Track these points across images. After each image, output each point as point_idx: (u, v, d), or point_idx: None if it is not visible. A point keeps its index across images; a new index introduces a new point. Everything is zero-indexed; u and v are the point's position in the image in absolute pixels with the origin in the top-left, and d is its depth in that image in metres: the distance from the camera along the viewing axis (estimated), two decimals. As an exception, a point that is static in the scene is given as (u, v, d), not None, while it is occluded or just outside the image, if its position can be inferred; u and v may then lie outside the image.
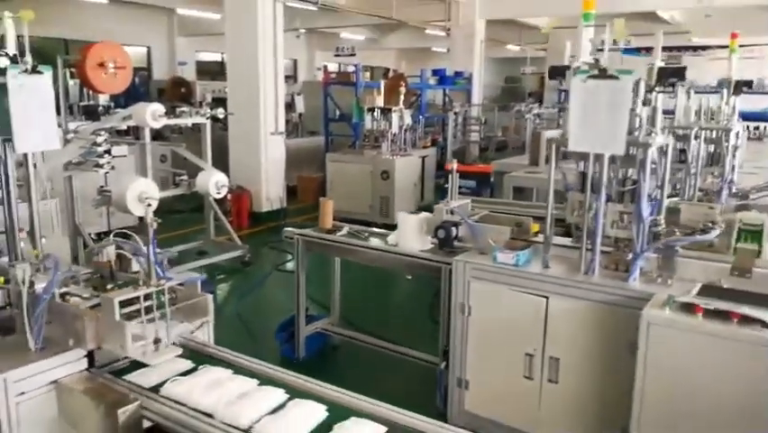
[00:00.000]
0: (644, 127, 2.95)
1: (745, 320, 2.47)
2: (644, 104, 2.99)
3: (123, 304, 2.03)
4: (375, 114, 9.04)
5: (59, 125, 5.83)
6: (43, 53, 2.99)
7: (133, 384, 2.06)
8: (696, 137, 4.75)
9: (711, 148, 5.00)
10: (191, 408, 1.91)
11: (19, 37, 2.84)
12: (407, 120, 9.21)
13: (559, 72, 3.08)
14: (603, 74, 2.84)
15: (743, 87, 4.79)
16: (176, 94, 13.25)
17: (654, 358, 2.60)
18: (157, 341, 2.08)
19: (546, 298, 3.13)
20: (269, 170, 9.03)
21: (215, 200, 7.08)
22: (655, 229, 3.09)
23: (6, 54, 2.73)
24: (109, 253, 2.56)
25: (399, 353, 4.20)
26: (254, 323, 5.35)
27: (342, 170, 8.74)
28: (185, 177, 6.28)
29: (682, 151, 4.99)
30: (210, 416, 1.86)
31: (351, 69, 12.86)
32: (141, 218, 2.90)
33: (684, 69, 3.49)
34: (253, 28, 8.76)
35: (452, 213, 3.74)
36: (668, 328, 2.58)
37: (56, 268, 2.14)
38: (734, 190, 4.90)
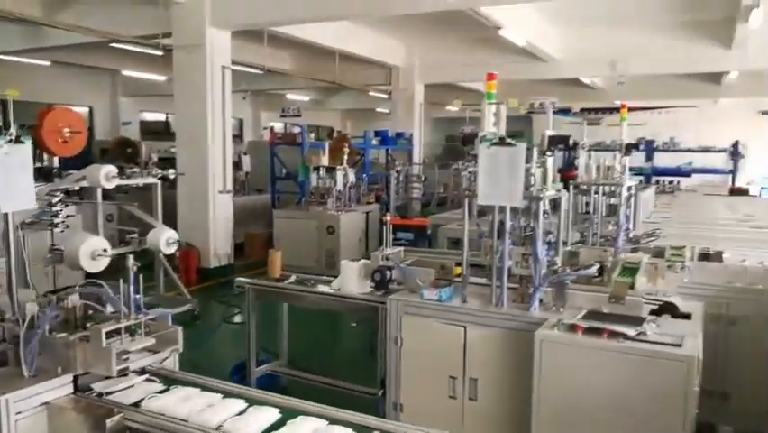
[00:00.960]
0: (537, 184, 3.61)
1: (612, 335, 3.10)
2: (538, 165, 3.67)
3: (108, 334, 2.45)
4: (320, 172, 9.63)
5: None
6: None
7: (116, 402, 2.46)
8: (596, 192, 5.54)
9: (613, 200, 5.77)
10: (169, 416, 2.33)
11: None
12: (351, 178, 9.85)
13: (469, 140, 3.72)
14: (502, 142, 3.51)
15: (632, 148, 5.61)
16: (121, 154, 13.52)
17: (546, 370, 3.19)
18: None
19: (465, 327, 3.69)
20: (216, 228, 9.42)
21: (165, 257, 7.40)
22: (554, 267, 3.75)
23: (-11, 127, 3.16)
24: (74, 300, 2.94)
25: (342, 387, 4.63)
26: (207, 369, 5.65)
27: (289, 226, 9.21)
28: (135, 235, 6.63)
29: (587, 203, 5.78)
30: (185, 421, 2.28)
31: (296, 129, 13.53)
32: (87, 275, 3.26)
33: (568, 137, 4.22)
34: (202, 91, 9.27)
35: (386, 259, 4.29)
36: (556, 345, 3.18)
37: (51, 308, 2.55)
38: (630, 236, 5.68)
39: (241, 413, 2.34)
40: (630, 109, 21.15)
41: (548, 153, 3.74)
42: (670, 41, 12.44)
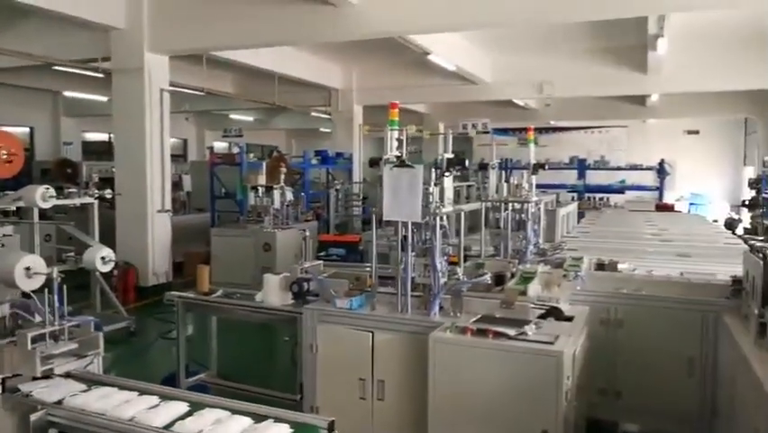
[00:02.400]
0: (434, 201, 4.06)
1: (497, 335, 3.54)
2: (436, 184, 4.12)
3: (33, 339, 2.73)
4: (258, 191, 9.90)
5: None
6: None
7: (40, 400, 2.73)
8: (505, 208, 6.05)
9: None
10: (88, 410, 2.62)
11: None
12: (289, 196, 10.14)
13: (375, 162, 4.15)
14: (403, 164, 3.95)
15: (539, 168, 6.17)
16: (62, 174, 13.50)
17: (440, 369, 3.60)
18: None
19: (372, 332, 4.07)
20: (155, 246, 9.58)
21: (102, 275, 7.56)
22: (454, 276, 4.19)
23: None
24: (3, 309, 3.20)
25: (266, 394, 4.93)
26: (140, 380, 5.88)
27: (226, 244, 9.42)
28: (72, 254, 6.78)
29: (498, 219, 6.28)
30: (102, 414, 2.58)
31: (237, 149, 13.79)
32: (23, 294, 3.50)
33: (464, 159, 4.70)
34: (140, 112, 9.49)
35: (305, 272, 4.65)
36: (447, 345, 3.60)
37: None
38: (539, 249, 6.21)
39: (153, 407, 2.65)
40: (561, 129, 22.22)
41: (446, 174, 4.19)
42: (592, 66, 13.32)
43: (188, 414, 2.58)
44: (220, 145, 21.76)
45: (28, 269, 3.01)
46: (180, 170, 13.52)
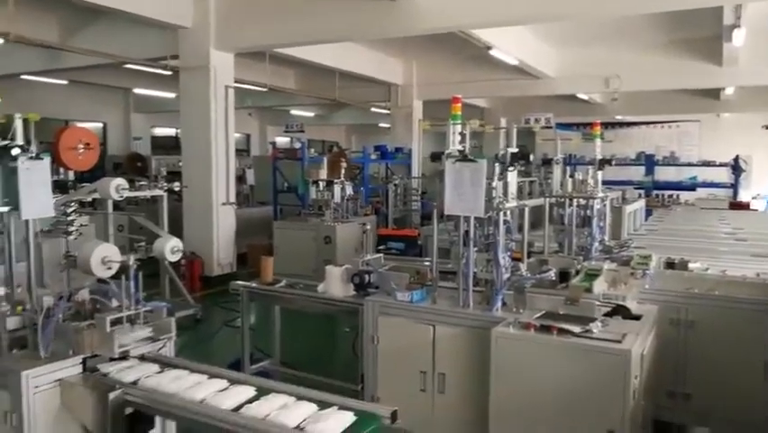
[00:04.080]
0: (497, 196, 4.01)
1: (561, 332, 3.48)
2: (500, 179, 4.07)
3: (112, 322, 2.88)
4: (319, 185, 10.07)
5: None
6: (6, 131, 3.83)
7: (117, 380, 2.87)
8: (570, 204, 5.91)
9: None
10: (160, 391, 2.74)
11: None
12: (349, 191, 10.27)
13: (437, 156, 4.14)
14: (465, 158, 3.92)
15: (605, 164, 5.99)
16: (132, 168, 14.11)
17: (501, 364, 3.57)
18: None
19: (434, 326, 4.07)
20: (220, 238, 9.88)
21: (170, 264, 7.85)
22: (517, 272, 4.15)
23: (18, 145, 3.61)
24: (83, 294, 3.37)
25: (327, 383, 5.00)
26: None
27: (288, 237, 9.63)
28: (143, 243, 7.07)
29: (563, 215, 6.14)
30: (173, 395, 2.70)
31: (298, 144, 14.01)
32: (99, 280, 3.68)
33: (529, 153, 4.62)
34: (206, 109, 9.80)
35: (366, 264, 4.70)
36: (510, 341, 3.56)
37: (64, 301, 3.00)
38: (604, 246, 6.03)
39: (222, 390, 2.73)
40: (628, 124, 21.46)
41: (510, 168, 4.14)
42: (662, 59, 12.85)
43: (255, 398, 2.66)
44: (281, 140, 22.18)
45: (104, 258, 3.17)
46: (244, 165, 13.84)
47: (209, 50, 9.59)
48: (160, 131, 20.80)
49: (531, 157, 4.75)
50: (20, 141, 3.72)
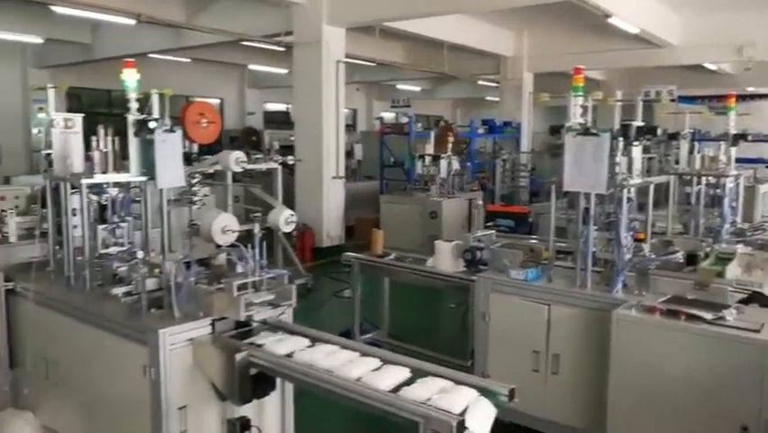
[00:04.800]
0: (621, 172, 3.79)
1: (690, 318, 3.25)
2: (624, 154, 3.85)
3: (238, 287, 3.04)
4: (425, 160, 10.05)
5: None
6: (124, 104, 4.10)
7: (243, 343, 3.04)
8: (698, 183, 5.50)
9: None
10: (284, 356, 2.89)
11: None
12: (455, 166, 10.18)
13: (556, 130, 3.96)
14: (587, 132, 3.73)
15: (740, 139, 5.50)
16: (248, 142, 14.76)
17: (622, 348, 3.40)
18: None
19: (549, 306, 3.96)
20: (330, 211, 10.15)
21: (284, 235, 8.16)
22: (640, 253, 3.93)
23: (154, 118, 3.86)
24: (221, 258, 3.57)
25: (436, 357, 5.02)
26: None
27: (395, 211, 9.72)
28: (258, 214, 7.39)
29: (689, 194, 5.73)
30: (290, 356, 2.84)
31: (405, 119, 14.02)
32: (217, 246, 3.86)
33: (656, 127, 4.31)
34: (317, 84, 10.01)
35: (478, 241, 4.63)
36: (632, 324, 3.38)
37: (195, 265, 3.20)
38: (736, 228, 5.57)
39: (376, 370, 2.72)
40: (762, 96, 19.45)
41: (634, 144, 3.89)
42: (806, 23, 11.56)
43: (411, 380, 2.62)
44: (387, 116, 22.34)
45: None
46: (352, 140, 14.07)
47: (321, 26, 9.75)
48: (272, 106, 21.59)
49: (658, 131, 4.42)
50: (156, 114, 3.98)
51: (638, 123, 3.95)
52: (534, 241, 5.20)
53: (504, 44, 14.32)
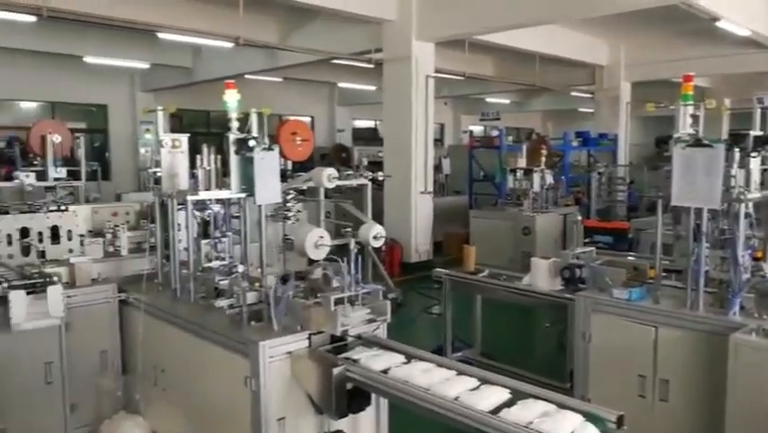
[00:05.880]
0: (737, 185, 3.52)
1: (821, 345, 2.95)
2: (741, 166, 3.57)
3: (335, 301, 3.06)
4: (517, 174, 9.83)
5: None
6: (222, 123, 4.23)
7: (340, 357, 3.05)
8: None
9: None
10: (380, 372, 2.87)
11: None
12: (548, 180, 9.89)
13: (663, 141, 3.75)
14: (699, 143, 3.50)
15: None
16: (337, 158, 15.05)
17: (742, 376, 3.13)
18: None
19: (655, 327, 3.72)
20: (418, 226, 10.14)
21: (373, 250, 8.23)
22: (759, 273, 3.63)
23: (254, 137, 4.00)
24: (317, 272, 3.62)
25: (532, 379, 4.85)
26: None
27: (485, 226, 9.55)
28: (349, 229, 7.50)
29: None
30: (385, 372, 2.82)
31: (494, 132, 13.82)
32: (310, 261, 3.91)
33: (777, 137, 3.96)
34: (407, 99, 10.08)
35: (577, 258, 4.44)
36: (755, 351, 3.11)
37: (293, 279, 3.26)
38: None
39: (474, 389, 2.66)
40: None
41: (752, 155, 3.61)
42: None
43: (511, 402, 2.54)
44: (475, 129, 22.14)
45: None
46: (440, 154, 14.03)
47: (411, 41, 9.83)
48: (360, 123, 21.96)
49: (780, 140, 4.07)
50: (255, 133, 4.13)
51: (756, 132, 3.66)
52: (635, 258, 4.94)
53: (599, 53, 13.86)
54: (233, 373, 3.19)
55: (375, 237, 6.18)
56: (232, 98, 4.06)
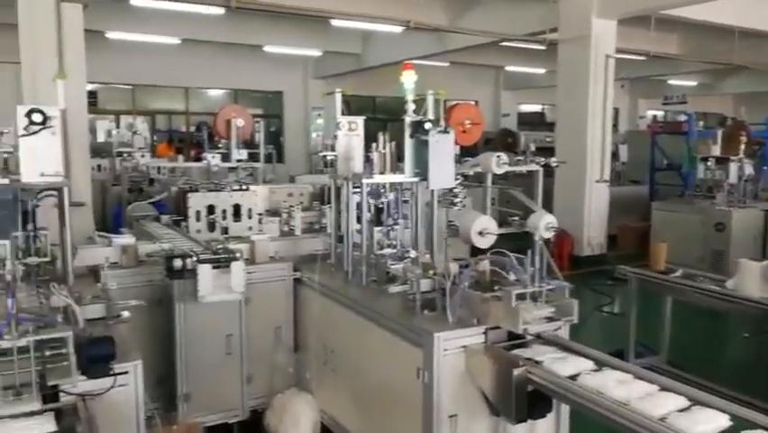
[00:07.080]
0: None
1: None
2: None
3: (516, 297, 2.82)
4: (709, 163, 8.80)
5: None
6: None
7: (521, 357, 2.81)
8: None
9: None
10: (568, 378, 2.59)
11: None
12: (748, 170, 8.72)
13: None
14: None
15: None
16: (503, 143, 14.62)
17: None
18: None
19: None
20: (591, 217, 9.46)
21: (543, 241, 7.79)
22: None
23: (430, 120, 3.86)
24: (484, 265, 3.39)
25: (734, 397, 4.22)
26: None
27: (670, 220, 8.67)
28: (516, 217, 7.14)
29: None
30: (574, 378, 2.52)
31: (679, 117, 12.51)
32: (473, 248, 3.66)
33: None
34: (584, 81, 9.43)
35: (801, 261, 3.75)
36: None
37: (469, 269, 3.08)
38: None
39: (683, 410, 2.29)
40: None
41: None
42: None
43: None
44: (654, 114, 20.35)
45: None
46: (617, 140, 13.02)
47: (591, 19, 9.14)
48: (526, 107, 21.19)
49: None
50: (431, 116, 3.99)
51: None
52: None
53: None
54: (405, 363, 3.09)
55: (546, 227, 5.83)
56: (409, 80, 3.94)
